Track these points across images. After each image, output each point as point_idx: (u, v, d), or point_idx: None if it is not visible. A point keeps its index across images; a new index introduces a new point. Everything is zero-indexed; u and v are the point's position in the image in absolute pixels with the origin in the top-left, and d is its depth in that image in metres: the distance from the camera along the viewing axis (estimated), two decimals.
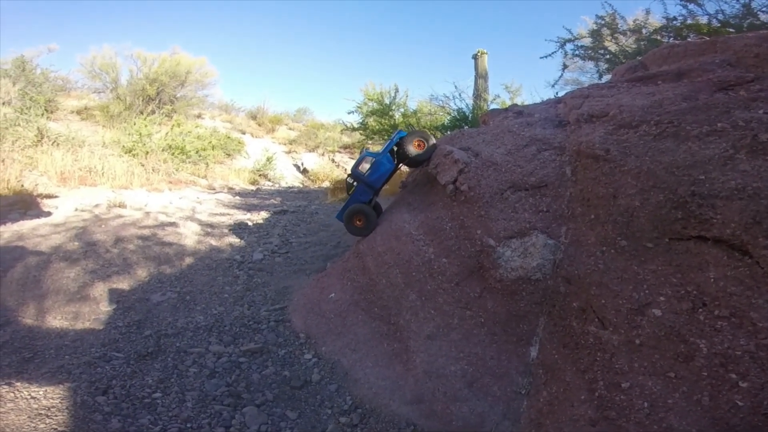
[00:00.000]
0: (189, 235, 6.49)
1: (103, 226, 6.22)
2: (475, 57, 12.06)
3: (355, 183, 4.84)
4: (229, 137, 13.80)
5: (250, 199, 9.51)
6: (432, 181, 4.28)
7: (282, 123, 17.95)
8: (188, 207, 8.06)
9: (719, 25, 8.08)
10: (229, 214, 7.87)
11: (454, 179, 3.72)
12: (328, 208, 8.49)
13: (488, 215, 3.35)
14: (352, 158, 15.22)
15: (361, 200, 4.73)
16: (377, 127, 10.36)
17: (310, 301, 4.55)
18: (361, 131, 10.73)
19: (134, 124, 11.25)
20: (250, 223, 7.34)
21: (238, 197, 9.65)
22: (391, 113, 10.31)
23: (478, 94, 11.87)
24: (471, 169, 3.68)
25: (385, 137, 10.41)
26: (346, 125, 11.12)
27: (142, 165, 9.57)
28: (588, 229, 2.75)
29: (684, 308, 2.14)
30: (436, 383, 3.20)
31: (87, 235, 5.79)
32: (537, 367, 2.98)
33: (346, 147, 15.78)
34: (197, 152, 11.39)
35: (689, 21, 8.68)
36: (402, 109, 10.84)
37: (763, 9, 7.92)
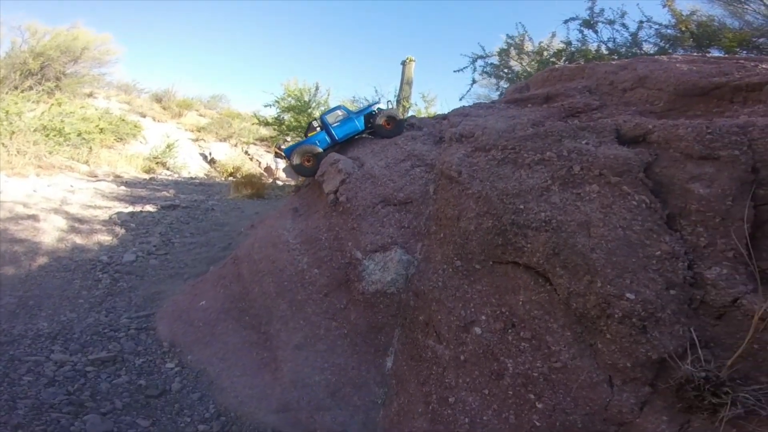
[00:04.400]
0: (49, 231, 5.64)
1: None
2: (403, 63, 12.27)
3: (318, 128, 4.97)
4: (123, 120, 12.36)
5: (137, 190, 8.57)
6: (321, 188, 4.23)
7: (192, 108, 16.48)
8: (57, 197, 7.01)
9: (607, 52, 9.07)
10: (106, 207, 7.02)
11: (335, 189, 3.70)
12: (228, 204, 7.97)
13: (360, 228, 3.37)
14: (268, 152, 14.59)
15: (318, 144, 4.76)
16: (293, 123, 10.03)
17: (179, 309, 4.24)
18: (276, 126, 10.31)
19: (2, 100, 9.58)
20: (129, 219, 6.61)
21: (123, 187, 8.64)
22: (309, 111, 10.05)
23: (400, 100, 12.08)
24: (352, 180, 3.69)
25: (300, 134, 10.15)
26: (259, 119, 10.59)
27: (4, 145, 8.15)
28: (437, 247, 2.88)
29: (498, 328, 2.32)
30: (302, 392, 3.17)
31: None
32: (391, 377, 3.06)
33: (262, 140, 14.95)
34: (79, 135, 10.01)
35: (581, 47, 9.64)
36: (323, 107, 10.63)
37: (648, 39, 9.05)
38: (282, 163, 13.32)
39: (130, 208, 7.19)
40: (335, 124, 4.79)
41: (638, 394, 1.91)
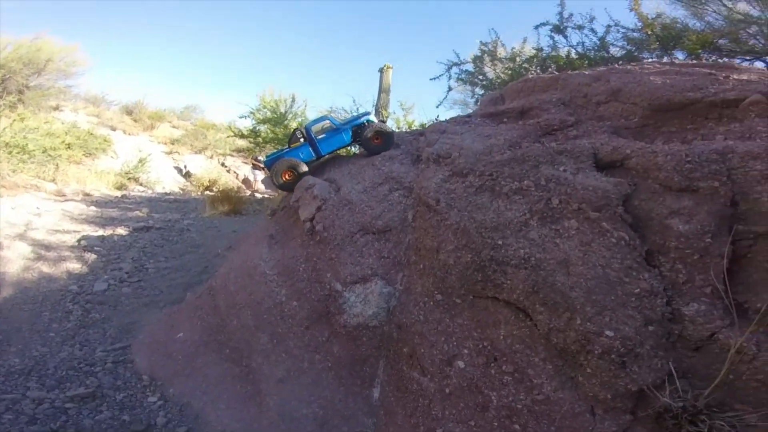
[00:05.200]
0: (13, 260, 5.37)
1: None
2: (381, 71, 12.17)
3: (302, 139, 4.67)
4: (91, 134, 11.86)
5: (109, 210, 8.23)
6: (297, 213, 4.13)
7: (165, 120, 15.82)
8: (22, 221, 6.66)
9: (577, 57, 9.20)
10: (75, 231, 6.71)
11: (312, 216, 3.62)
12: (204, 223, 7.73)
13: (338, 259, 3.31)
14: (246, 163, 14.22)
15: (301, 158, 4.52)
16: (270, 135, 9.80)
17: (156, 340, 4.12)
18: (252, 138, 10.05)
19: None
20: (99, 243, 6.34)
21: (93, 207, 8.28)
22: (286, 123, 9.81)
23: (379, 109, 12.00)
24: (328, 207, 3.61)
25: (278, 146, 9.92)
26: (234, 131, 10.30)
27: None
28: (417, 277, 2.85)
29: (480, 362, 2.30)
30: (290, 426, 3.11)
31: None
32: (379, 408, 3.01)
33: (239, 151, 14.45)
34: (44, 151, 9.58)
35: (552, 53, 9.76)
36: (300, 119, 10.44)
37: (615, 43, 9.23)
38: (260, 175, 13.02)
39: (100, 232, 6.89)
40: (321, 137, 4.55)
41: (619, 422, 1.93)
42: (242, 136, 10.21)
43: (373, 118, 4.91)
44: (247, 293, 3.68)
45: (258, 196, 11.14)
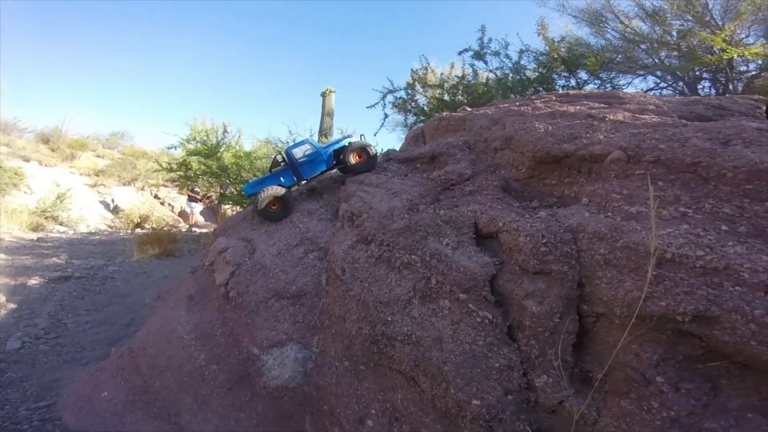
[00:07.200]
0: None
1: None
2: (323, 95, 12.28)
3: (282, 164, 4.57)
4: (0, 166, 10.86)
5: (21, 258, 7.64)
6: (213, 274, 4.21)
7: (88, 149, 14.52)
8: None
9: (495, 81, 9.97)
10: None
11: (226, 281, 3.73)
12: (131, 269, 7.40)
13: (254, 324, 3.46)
14: (181, 194, 13.49)
15: (283, 184, 4.43)
16: (201, 168, 9.42)
17: (82, 399, 4.08)
18: (182, 173, 9.58)
19: None
20: (9, 297, 5.92)
21: (2, 255, 7.65)
22: (218, 155, 9.43)
23: (324, 133, 12.12)
24: (242, 272, 3.74)
25: (211, 180, 9.65)
26: (161, 164, 9.83)
27: None
28: (331, 341, 3.10)
29: (385, 422, 2.59)
30: None
31: None
32: None
33: (174, 180, 13.66)
34: None
35: (472, 81, 10.51)
36: (237, 147, 10.19)
37: (528, 66, 10.12)
38: (198, 207, 12.44)
39: (11, 282, 6.43)
40: (302, 160, 4.53)
41: None
42: (171, 170, 9.76)
43: (353, 140, 4.95)
44: (166, 357, 3.72)
45: (195, 231, 10.73)
